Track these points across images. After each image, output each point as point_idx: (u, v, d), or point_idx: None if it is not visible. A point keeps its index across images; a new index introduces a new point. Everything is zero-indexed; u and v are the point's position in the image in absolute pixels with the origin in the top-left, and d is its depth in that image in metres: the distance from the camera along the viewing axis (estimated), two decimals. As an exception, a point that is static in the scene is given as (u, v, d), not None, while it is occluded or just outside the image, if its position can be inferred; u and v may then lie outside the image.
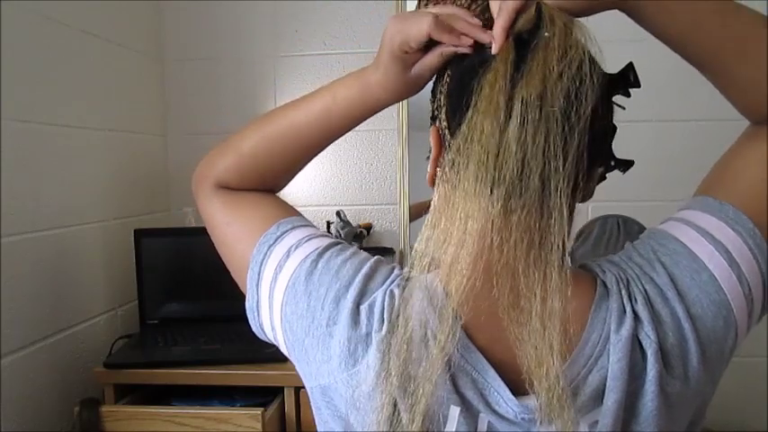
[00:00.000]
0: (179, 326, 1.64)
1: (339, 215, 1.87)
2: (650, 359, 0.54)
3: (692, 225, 0.59)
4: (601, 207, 1.64)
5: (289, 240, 0.65)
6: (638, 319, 0.55)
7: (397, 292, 0.58)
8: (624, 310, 0.56)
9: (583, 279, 0.59)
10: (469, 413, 0.55)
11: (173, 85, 2.01)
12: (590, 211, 1.70)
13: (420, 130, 1.86)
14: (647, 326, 0.55)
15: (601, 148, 0.61)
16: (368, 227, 1.91)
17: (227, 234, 0.70)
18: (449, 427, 0.55)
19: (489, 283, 0.54)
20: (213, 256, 0.72)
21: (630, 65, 0.58)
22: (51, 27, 1.46)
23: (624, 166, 0.61)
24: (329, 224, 1.89)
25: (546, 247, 0.52)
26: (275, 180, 0.73)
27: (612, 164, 0.61)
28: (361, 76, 0.66)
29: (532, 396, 0.54)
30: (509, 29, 0.55)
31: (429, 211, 0.57)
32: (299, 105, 0.70)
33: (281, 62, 1.96)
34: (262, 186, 0.72)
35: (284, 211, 0.69)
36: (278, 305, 0.63)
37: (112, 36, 1.71)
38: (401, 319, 0.55)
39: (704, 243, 0.58)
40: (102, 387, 1.45)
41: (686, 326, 0.55)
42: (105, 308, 1.66)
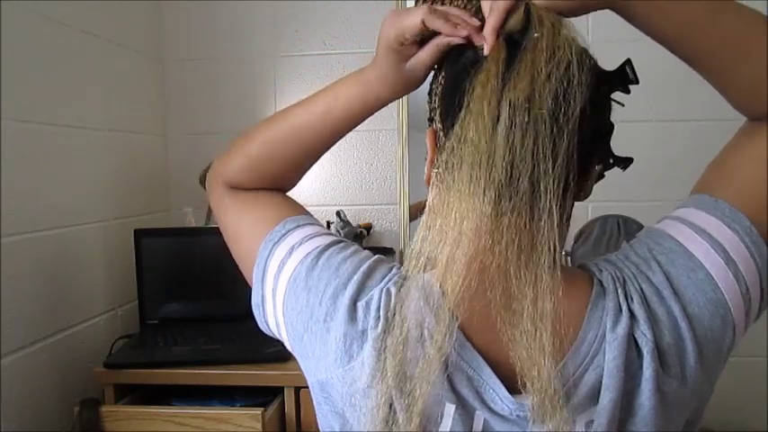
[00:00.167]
0: (179, 326, 1.64)
1: (339, 215, 1.87)
2: (646, 358, 0.54)
3: (687, 223, 0.59)
4: (601, 207, 1.64)
5: (293, 238, 0.66)
6: (633, 317, 0.55)
7: (393, 290, 0.58)
8: (620, 309, 0.56)
9: (579, 278, 0.59)
10: (465, 411, 0.55)
11: (173, 85, 2.01)
12: (590, 211, 1.70)
13: (420, 130, 1.86)
14: (642, 324, 0.55)
15: (597, 146, 0.61)
16: (368, 227, 1.91)
17: (236, 232, 0.73)
18: (444, 425, 0.55)
19: (484, 283, 0.54)
20: (213, 256, 0.73)
21: (628, 61, 0.58)
22: (51, 27, 1.46)
23: (623, 163, 0.61)
24: (329, 224, 1.88)
25: (537, 249, 0.52)
26: (283, 180, 0.75)
27: (611, 161, 0.61)
28: (361, 75, 0.67)
29: (527, 395, 0.54)
30: (500, 29, 0.55)
31: (424, 211, 0.57)
32: (300, 107, 0.71)
33: (281, 62, 1.96)
34: (271, 185, 0.74)
35: (291, 210, 0.71)
36: (280, 301, 0.64)
37: (112, 36, 1.71)
38: (397, 318, 0.55)
39: (700, 241, 0.58)
40: (102, 387, 1.45)
41: (683, 325, 0.55)
42: (105, 308, 1.66)
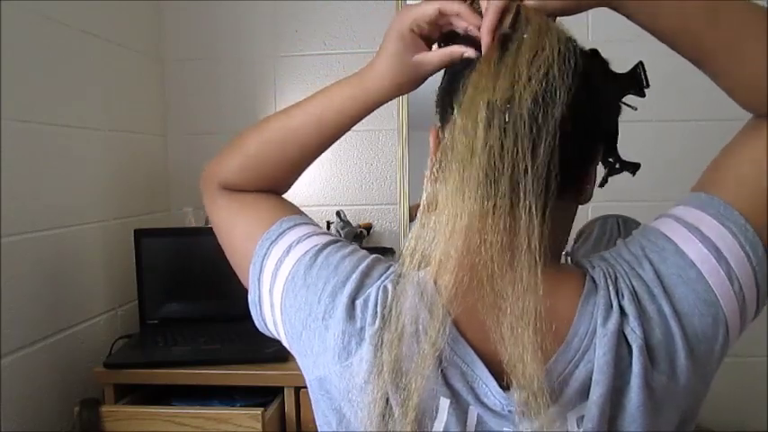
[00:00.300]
0: (179, 326, 1.64)
1: (339, 215, 1.87)
2: (635, 354, 0.54)
3: (681, 221, 0.59)
4: (601, 207, 1.64)
5: (290, 237, 0.66)
6: (624, 314, 0.56)
7: (390, 287, 0.59)
8: (611, 305, 0.56)
9: (572, 275, 0.60)
10: (459, 405, 0.56)
11: (173, 85, 2.01)
12: (590, 211, 1.70)
13: (420, 129, 1.86)
14: (632, 321, 0.55)
15: (597, 148, 0.61)
16: (368, 227, 1.91)
17: (231, 233, 0.72)
18: (439, 420, 0.55)
19: (474, 281, 0.55)
20: (213, 256, 0.73)
21: (640, 63, 0.58)
22: (51, 27, 1.46)
23: (632, 168, 0.62)
24: (329, 224, 1.88)
25: (519, 248, 0.53)
26: (279, 181, 0.75)
27: (618, 166, 0.61)
28: (357, 75, 0.67)
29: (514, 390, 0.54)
30: (495, 29, 0.56)
31: (420, 209, 0.58)
32: (297, 108, 0.71)
33: (281, 62, 1.96)
34: (266, 187, 0.74)
35: (287, 210, 0.71)
36: (278, 299, 0.64)
37: (112, 36, 1.71)
38: (393, 314, 0.56)
39: (692, 239, 0.57)
40: (102, 387, 1.45)
41: (672, 323, 0.55)
42: (105, 308, 1.66)
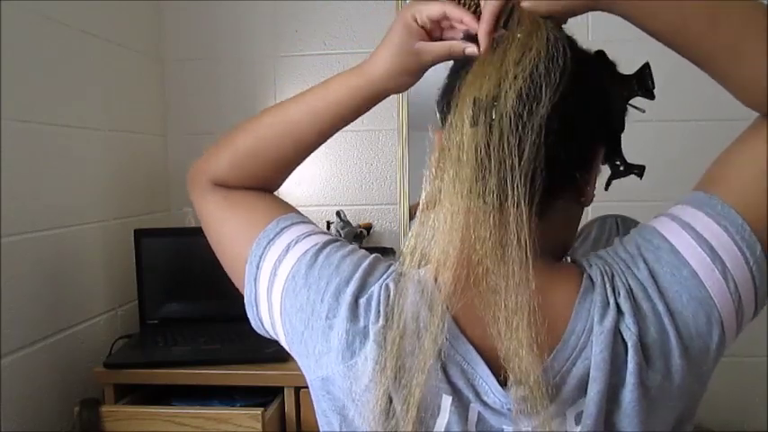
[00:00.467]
0: (179, 326, 1.64)
1: (339, 215, 1.87)
2: (630, 351, 0.54)
3: (677, 220, 0.59)
4: (601, 207, 1.63)
5: (288, 236, 0.65)
6: (620, 311, 0.56)
7: (392, 286, 0.59)
8: (608, 303, 0.56)
9: (569, 273, 0.60)
10: (460, 403, 0.56)
11: (173, 85, 2.01)
12: (590, 210, 1.70)
13: (420, 130, 1.86)
14: (628, 318, 0.55)
15: (597, 149, 0.61)
16: (368, 227, 1.91)
17: (221, 232, 0.71)
18: (441, 417, 0.56)
19: (472, 277, 0.55)
20: (213, 256, 0.72)
21: (646, 65, 0.58)
22: (51, 27, 1.46)
23: (638, 170, 0.62)
24: (329, 224, 1.88)
25: (509, 244, 0.54)
26: (270, 179, 0.74)
27: (623, 169, 0.62)
28: (355, 68, 0.67)
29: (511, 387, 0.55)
30: (492, 31, 0.56)
31: (419, 208, 0.58)
32: (292, 102, 0.70)
33: (281, 62, 1.96)
34: (257, 184, 0.73)
35: (282, 209, 0.70)
36: (277, 299, 0.63)
37: (112, 36, 1.71)
38: (395, 312, 0.56)
39: (687, 238, 0.57)
40: (102, 387, 1.45)
41: (666, 321, 0.55)
42: (105, 308, 1.66)
